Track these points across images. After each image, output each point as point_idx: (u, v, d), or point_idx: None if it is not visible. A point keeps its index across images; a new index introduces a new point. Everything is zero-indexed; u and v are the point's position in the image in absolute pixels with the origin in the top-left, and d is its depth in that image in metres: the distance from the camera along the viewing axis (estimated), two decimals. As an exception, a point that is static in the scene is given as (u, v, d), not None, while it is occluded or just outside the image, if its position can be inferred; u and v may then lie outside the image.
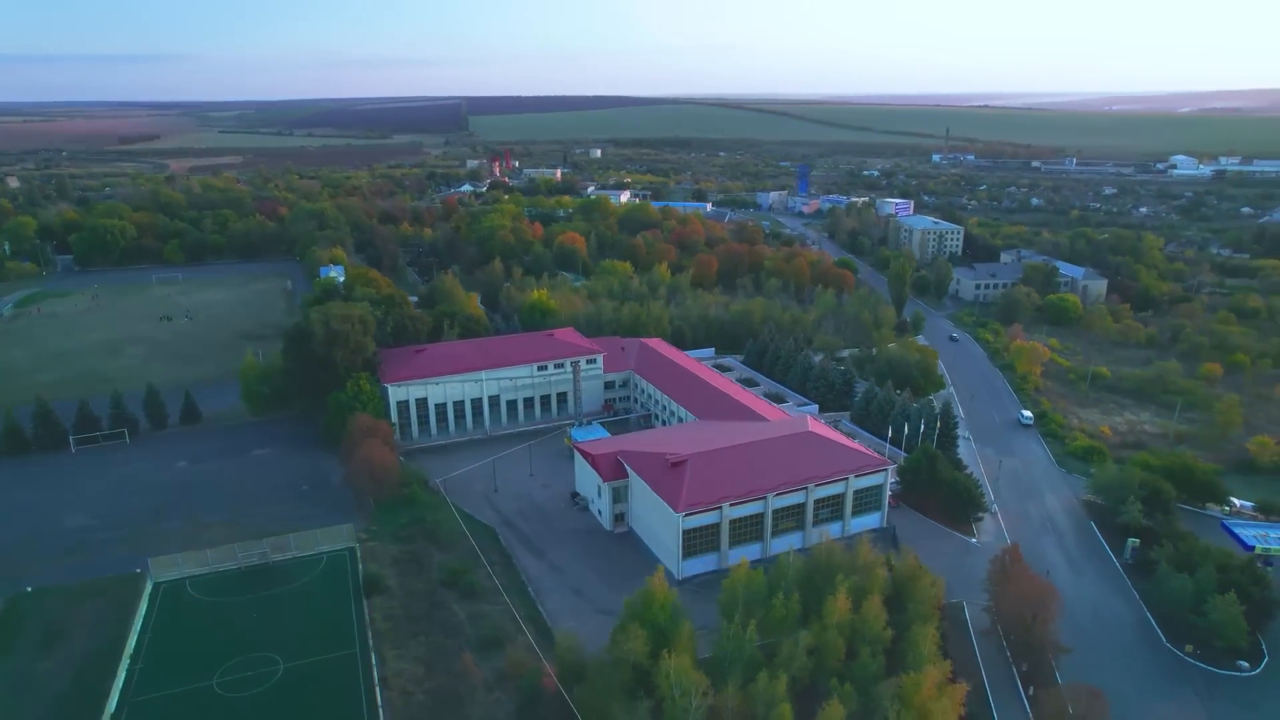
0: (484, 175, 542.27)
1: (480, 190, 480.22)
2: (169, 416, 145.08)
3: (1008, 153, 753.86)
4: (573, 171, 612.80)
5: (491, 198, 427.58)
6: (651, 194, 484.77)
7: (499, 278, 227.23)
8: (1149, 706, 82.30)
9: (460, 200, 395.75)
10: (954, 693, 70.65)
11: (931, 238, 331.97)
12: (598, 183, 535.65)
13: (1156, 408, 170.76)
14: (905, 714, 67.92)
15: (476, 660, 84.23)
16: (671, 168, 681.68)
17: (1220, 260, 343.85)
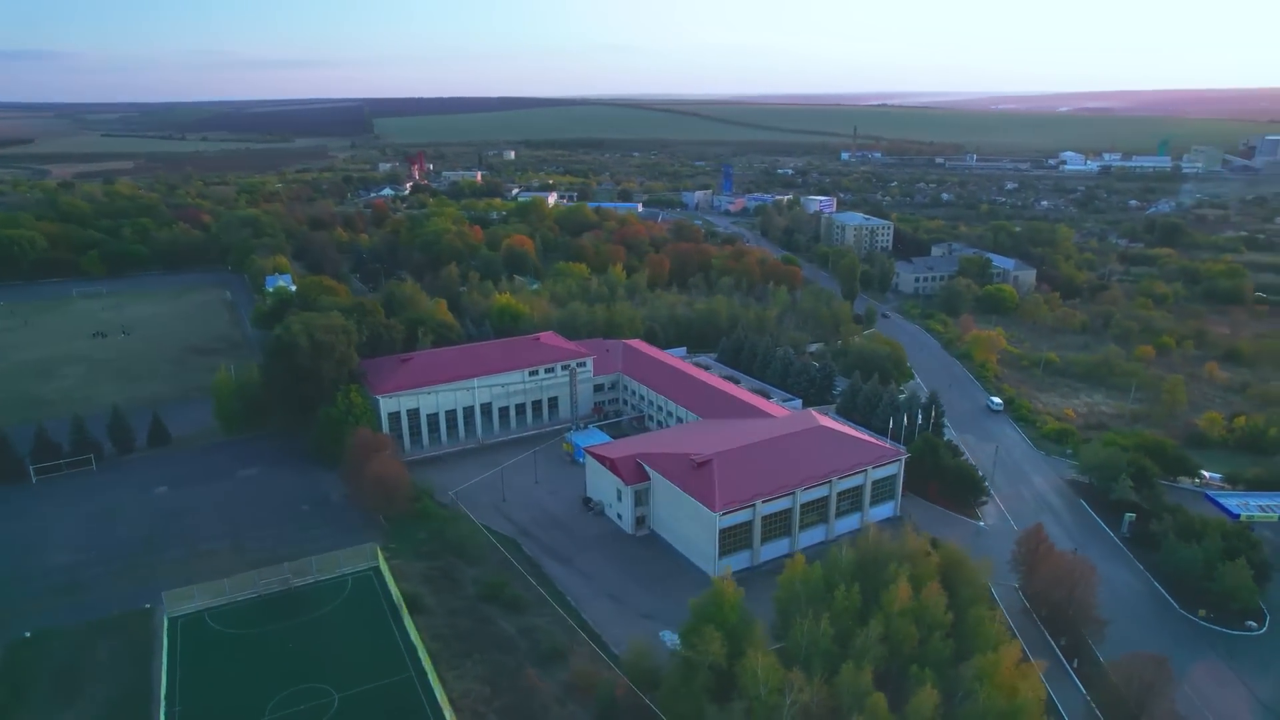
0: (404, 178, 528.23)
1: (402, 194, 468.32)
2: (135, 439, 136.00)
3: (912, 150, 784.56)
4: (489, 174, 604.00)
5: (418, 201, 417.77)
6: (578, 195, 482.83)
7: (455, 283, 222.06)
8: (1181, 670, 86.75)
9: (390, 205, 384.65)
10: (1031, 670, 73.33)
11: (864, 233, 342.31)
12: (520, 185, 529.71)
13: (1107, 390, 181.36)
14: (993, 693, 70.06)
15: (539, 675, 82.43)
16: (589, 169, 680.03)
17: (1121, 250, 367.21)
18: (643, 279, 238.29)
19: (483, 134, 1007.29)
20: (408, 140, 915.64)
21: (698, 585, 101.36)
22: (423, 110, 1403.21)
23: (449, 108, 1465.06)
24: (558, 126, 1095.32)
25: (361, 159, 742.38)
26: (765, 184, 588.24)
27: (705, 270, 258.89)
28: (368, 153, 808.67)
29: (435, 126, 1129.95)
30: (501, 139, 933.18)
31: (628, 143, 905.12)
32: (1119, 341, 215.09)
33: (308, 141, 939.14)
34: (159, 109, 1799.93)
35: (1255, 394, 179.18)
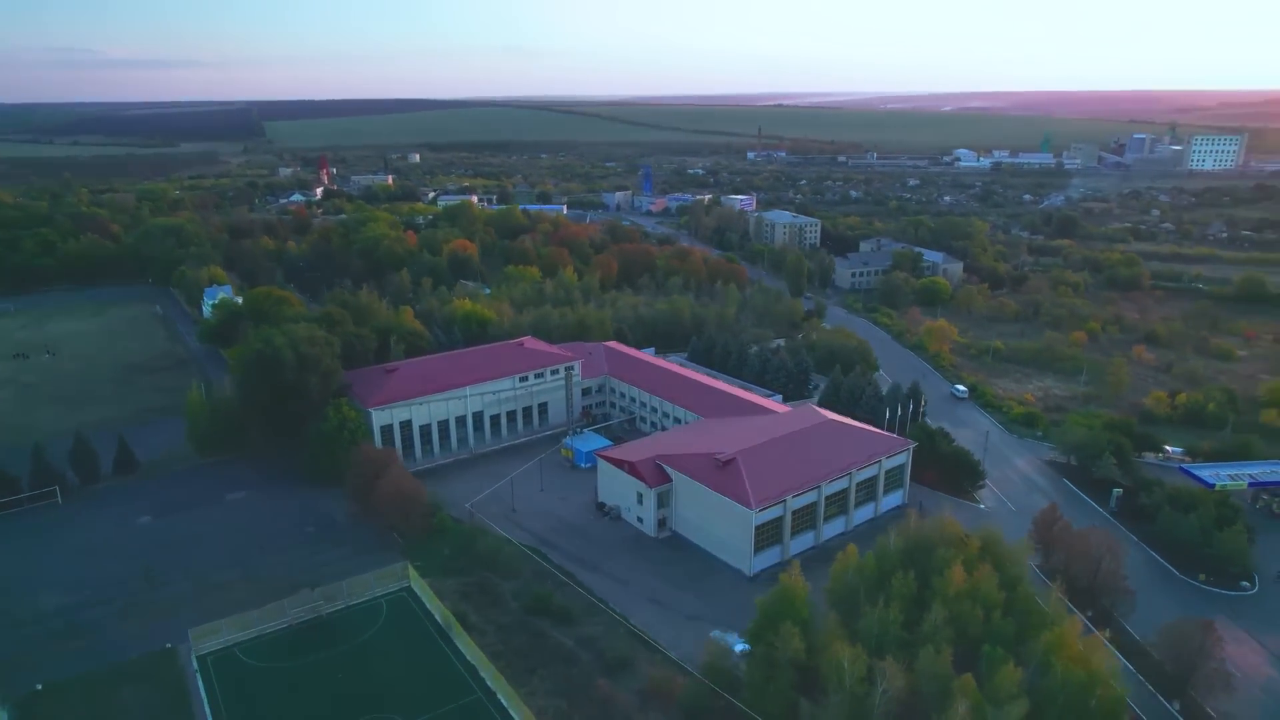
0: (313, 184, 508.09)
1: (313, 199, 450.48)
2: (100, 467, 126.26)
3: (815, 149, 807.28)
4: (398, 177, 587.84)
5: (333, 207, 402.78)
6: (497, 198, 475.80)
7: (406, 290, 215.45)
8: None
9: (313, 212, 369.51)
10: (1096, 641, 77.17)
11: (793, 231, 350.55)
12: (435, 188, 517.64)
13: (1053, 374, 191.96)
14: (1069, 667, 73.29)
15: (610, 685, 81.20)
16: (499, 171, 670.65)
17: (1028, 241, 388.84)
18: (594, 281, 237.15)
19: (382, 137, 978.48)
20: (303, 144, 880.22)
21: (733, 584, 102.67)
22: (316, 113, 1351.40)
23: (344, 110, 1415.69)
24: (460, 128, 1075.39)
25: (258, 164, 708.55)
26: (678, 184, 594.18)
27: (650, 271, 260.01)
28: (263, 158, 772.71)
29: (331, 130, 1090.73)
30: (403, 142, 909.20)
31: (533, 144, 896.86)
32: (1050, 328, 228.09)
33: (195, 146, 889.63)
34: (12, 110, 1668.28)
35: (1180, 373, 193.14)
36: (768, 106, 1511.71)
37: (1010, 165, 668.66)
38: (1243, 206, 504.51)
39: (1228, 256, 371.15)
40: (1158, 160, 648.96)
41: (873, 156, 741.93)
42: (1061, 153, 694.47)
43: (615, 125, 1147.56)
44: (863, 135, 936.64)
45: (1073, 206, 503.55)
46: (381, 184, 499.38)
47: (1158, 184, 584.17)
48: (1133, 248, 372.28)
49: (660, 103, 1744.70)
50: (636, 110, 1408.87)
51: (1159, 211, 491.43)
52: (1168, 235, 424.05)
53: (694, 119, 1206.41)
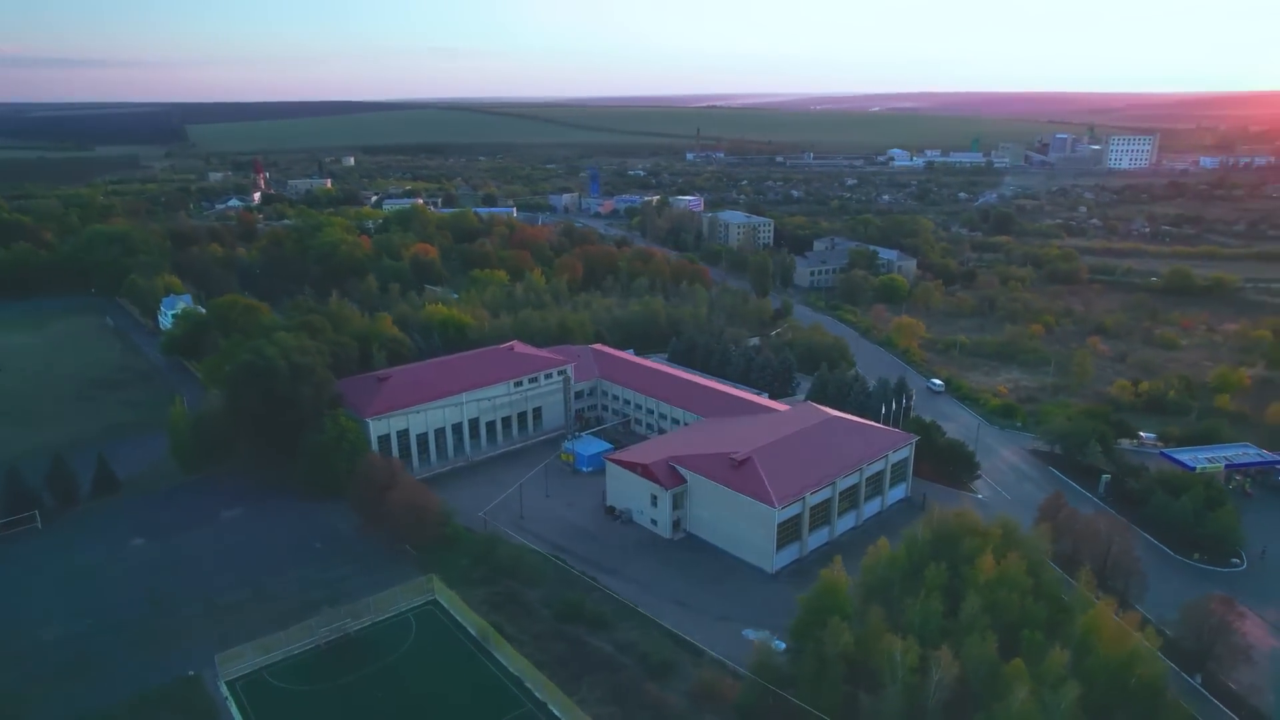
0: (250, 189, 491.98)
1: (251, 205, 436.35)
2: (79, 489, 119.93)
3: (753, 150, 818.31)
4: (336, 181, 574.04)
5: (275, 212, 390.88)
6: (442, 201, 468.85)
7: (374, 295, 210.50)
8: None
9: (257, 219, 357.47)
10: (1131, 621, 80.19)
11: (746, 231, 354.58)
12: (376, 191, 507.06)
13: (1019, 367, 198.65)
14: (1110, 647, 75.95)
15: (658, 689, 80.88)
16: (437, 174, 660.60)
17: (969, 239, 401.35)
18: (562, 284, 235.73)
19: (312, 140, 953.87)
20: (230, 148, 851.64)
21: (756, 582, 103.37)
22: (240, 116, 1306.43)
23: (269, 113, 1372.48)
24: (392, 131, 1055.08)
25: (184, 169, 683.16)
26: (621, 186, 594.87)
27: (614, 273, 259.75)
28: (189, 162, 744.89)
29: (257, 133, 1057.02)
30: (334, 145, 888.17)
31: (471, 147, 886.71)
32: (1007, 322, 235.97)
33: (113, 149, 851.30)
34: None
35: (1135, 362, 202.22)
36: (702, 108, 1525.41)
37: (943, 164, 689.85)
38: (1159, 203, 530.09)
39: (1152, 250, 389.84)
40: (1079, 159, 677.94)
41: (809, 157, 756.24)
42: (990, 152, 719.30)
43: (550, 127, 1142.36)
44: (796, 136, 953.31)
45: (1006, 204, 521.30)
46: (321, 188, 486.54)
47: (1081, 182, 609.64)
48: (1066, 243, 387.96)
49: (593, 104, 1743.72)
50: (570, 112, 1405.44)
51: (1085, 208, 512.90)
52: (1096, 231, 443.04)
53: (629, 120, 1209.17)
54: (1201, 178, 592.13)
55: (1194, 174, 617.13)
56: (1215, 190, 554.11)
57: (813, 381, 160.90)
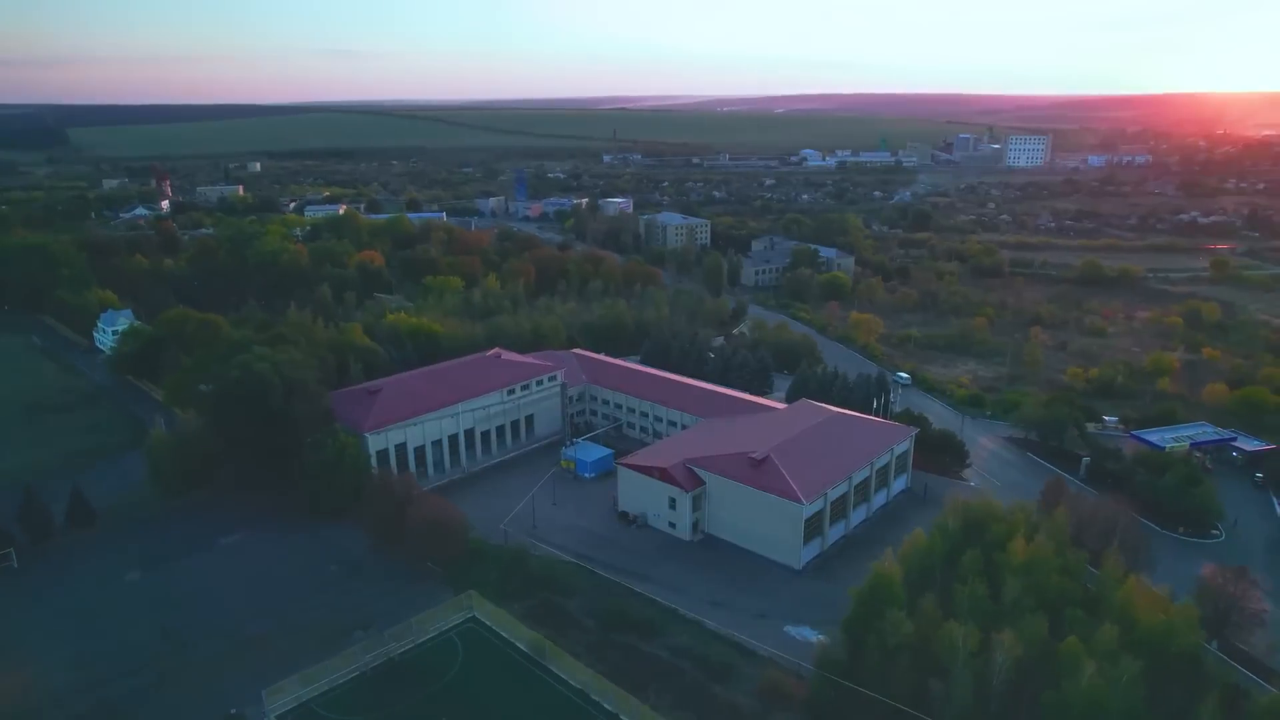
0: (158, 196, 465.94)
1: (160, 213, 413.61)
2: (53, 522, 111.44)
3: (669, 151, 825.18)
4: (246, 188, 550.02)
5: (192, 220, 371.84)
6: (365, 206, 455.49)
7: (330, 305, 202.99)
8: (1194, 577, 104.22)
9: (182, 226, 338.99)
10: (1163, 592, 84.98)
11: (685, 232, 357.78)
12: (295, 198, 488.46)
13: (972, 358, 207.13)
14: (1150, 618, 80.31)
15: (724, 691, 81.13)
16: (351, 179, 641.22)
17: (897, 236, 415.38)
18: (519, 289, 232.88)
19: (210, 145, 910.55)
20: (119, 153, 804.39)
21: (785, 579, 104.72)
22: (126, 119, 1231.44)
23: (158, 116, 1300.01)
24: (296, 135, 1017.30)
25: (70, 175, 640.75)
26: (543, 188, 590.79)
27: (565, 277, 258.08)
28: (75, 168, 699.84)
29: (148, 137, 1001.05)
30: (236, 150, 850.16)
31: (381, 151, 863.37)
32: (952, 316, 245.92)
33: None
34: None
35: (1075, 350, 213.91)
36: (612, 110, 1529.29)
37: (854, 164, 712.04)
38: (1058, 199, 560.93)
39: (1061, 244, 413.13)
40: (981, 158, 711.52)
41: (725, 158, 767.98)
42: (898, 151, 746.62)
43: (461, 130, 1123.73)
44: (707, 137, 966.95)
45: (920, 201, 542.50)
46: (236, 195, 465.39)
47: (986, 179, 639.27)
48: (982, 238, 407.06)
49: (500, 107, 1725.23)
50: (479, 115, 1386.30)
51: (994, 205, 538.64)
52: (1007, 226, 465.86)
53: (540, 123, 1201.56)
54: (1092, 175, 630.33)
55: (1084, 171, 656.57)
56: (1106, 187, 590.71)
57: (793, 379, 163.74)
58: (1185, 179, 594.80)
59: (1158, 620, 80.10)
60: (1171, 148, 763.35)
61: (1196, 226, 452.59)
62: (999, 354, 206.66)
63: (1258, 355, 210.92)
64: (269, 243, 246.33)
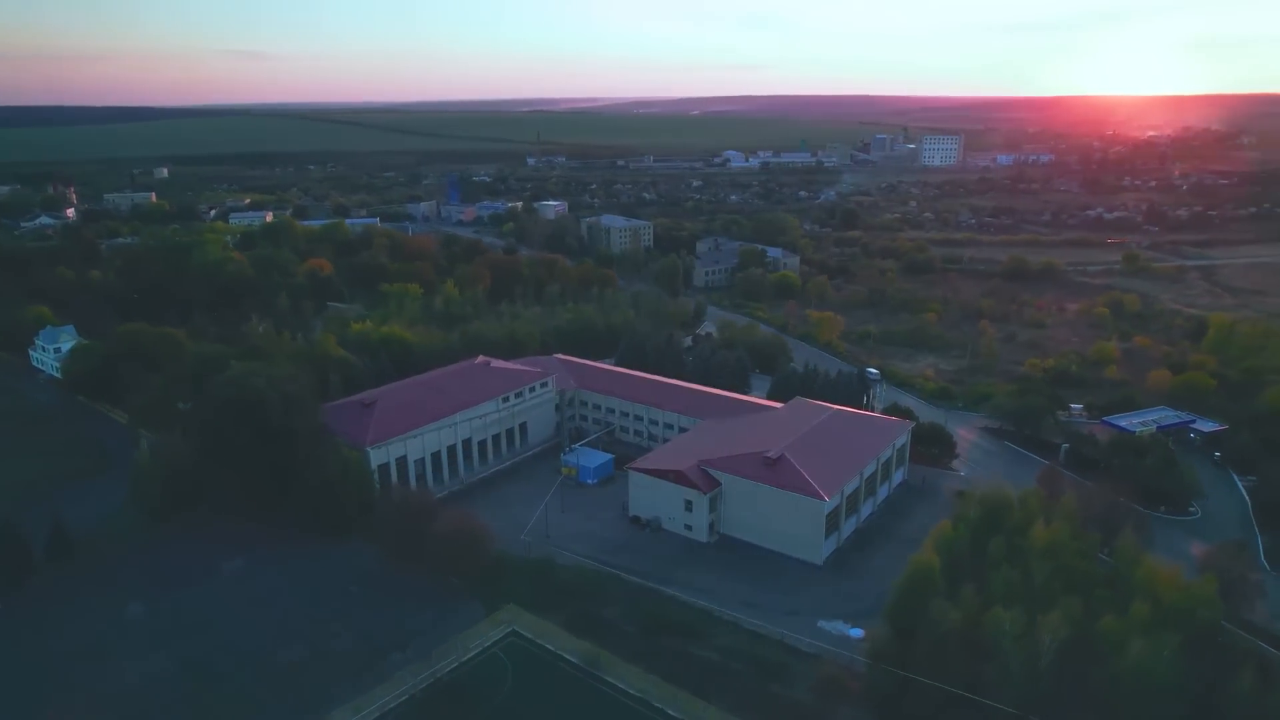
0: (63, 204, 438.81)
1: (66, 221, 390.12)
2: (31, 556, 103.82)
3: (593, 154, 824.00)
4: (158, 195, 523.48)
5: (108, 229, 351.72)
6: (292, 212, 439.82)
7: (287, 316, 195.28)
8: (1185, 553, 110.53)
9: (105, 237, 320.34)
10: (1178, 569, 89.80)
11: (629, 233, 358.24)
12: (214, 205, 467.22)
13: (930, 352, 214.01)
14: (1172, 593, 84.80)
15: (782, 690, 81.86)
16: (269, 185, 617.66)
17: (827, 235, 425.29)
18: (476, 293, 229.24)
19: (109, 149, 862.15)
20: (5, 158, 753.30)
21: (808, 575, 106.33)
22: (14, 121, 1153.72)
23: (50, 118, 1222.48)
24: (202, 140, 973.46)
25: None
26: (470, 192, 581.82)
27: (521, 282, 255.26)
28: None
29: (39, 141, 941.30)
30: (139, 154, 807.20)
31: (295, 156, 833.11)
32: (903, 312, 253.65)
33: None
34: None
35: (1024, 342, 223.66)
36: (529, 112, 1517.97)
37: (777, 164, 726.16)
38: (975, 197, 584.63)
39: (985, 240, 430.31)
40: (898, 157, 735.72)
41: (650, 159, 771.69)
42: (818, 152, 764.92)
43: (378, 133, 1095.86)
44: (627, 139, 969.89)
45: (845, 200, 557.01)
46: (150, 202, 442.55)
47: (904, 178, 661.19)
48: (911, 236, 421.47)
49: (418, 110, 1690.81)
50: (396, 117, 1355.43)
51: (915, 203, 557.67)
52: (931, 223, 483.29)
53: (458, 125, 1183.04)
54: (1002, 173, 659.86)
55: (995, 170, 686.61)
56: (1018, 184, 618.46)
57: (774, 378, 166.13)
58: (1086, 177, 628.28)
59: (1182, 595, 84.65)
60: (1070, 147, 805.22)
61: (1103, 222, 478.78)
62: (954, 348, 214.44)
63: (1179, 343, 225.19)
64: (210, 252, 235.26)
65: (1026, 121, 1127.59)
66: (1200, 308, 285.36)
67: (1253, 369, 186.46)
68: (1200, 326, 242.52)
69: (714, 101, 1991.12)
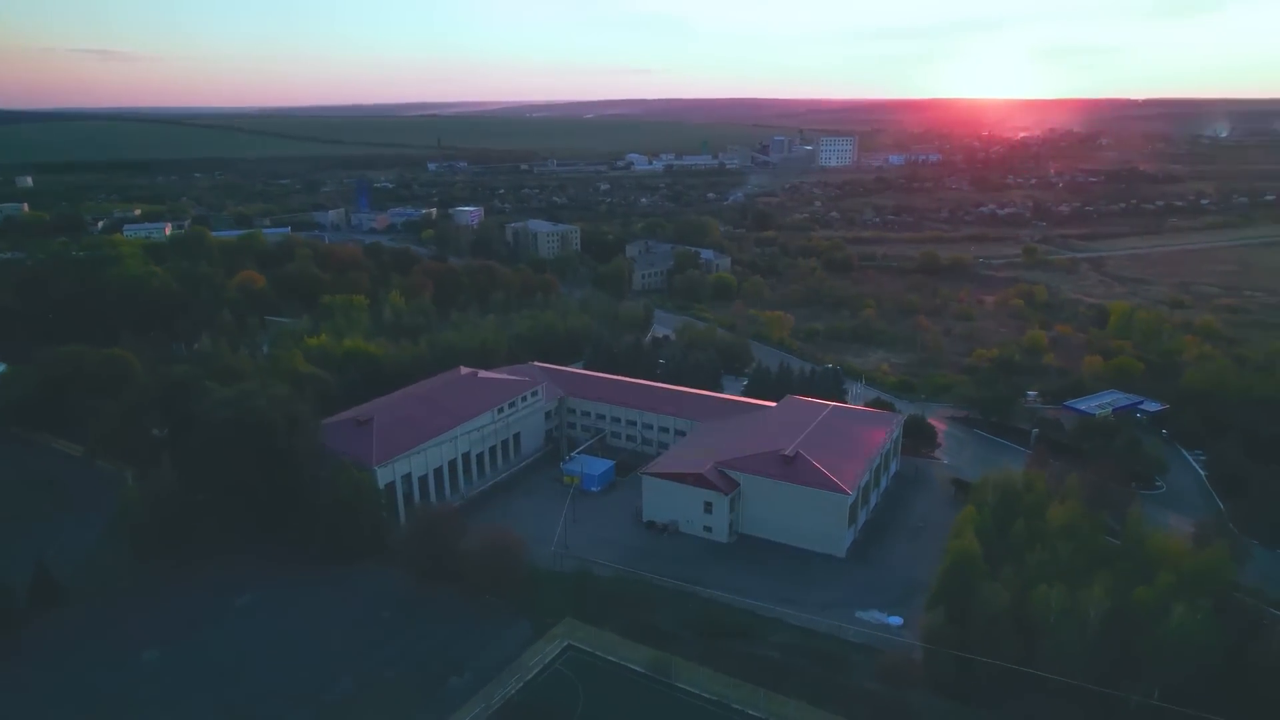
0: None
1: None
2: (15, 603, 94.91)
3: (494, 158, 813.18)
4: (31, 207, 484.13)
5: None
6: (191, 222, 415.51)
7: (235, 332, 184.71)
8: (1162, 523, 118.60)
9: None
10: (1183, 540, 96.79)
11: (555, 239, 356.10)
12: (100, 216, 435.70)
13: (878, 347, 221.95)
14: (1189, 563, 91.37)
15: (848, 680, 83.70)
16: (155, 193, 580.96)
17: (746, 235, 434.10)
18: (428, 304, 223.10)
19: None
20: None
21: (833, 567, 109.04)
22: None
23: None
24: (65, 146, 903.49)
25: None
26: (377, 199, 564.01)
27: (458, 289, 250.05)
28: None
29: None
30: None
31: (176, 163, 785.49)
32: (840, 308, 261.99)
33: None
34: None
35: (960, 334, 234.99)
36: (417, 117, 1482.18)
37: (681, 167, 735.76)
38: (874, 195, 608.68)
39: (892, 237, 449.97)
40: (797, 159, 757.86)
41: (554, 163, 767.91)
42: (718, 154, 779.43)
43: (264, 139, 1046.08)
44: (524, 142, 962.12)
45: (752, 201, 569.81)
46: (24, 213, 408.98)
47: (805, 179, 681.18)
48: (822, 235, 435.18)
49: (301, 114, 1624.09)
50: (280, 123, 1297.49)
51: (820, 203, 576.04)
52: (838, 222, 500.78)
53: (346, 130, 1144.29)
54: (896, 173, 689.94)
55: (889, 169, 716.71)
56: (912, 184, 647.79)
57: (750, 377, 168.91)
58: (974, 176, 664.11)
59: (1199, 562, 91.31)
60: (954, 147, 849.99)
61: (997, 218, 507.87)
62: (898, 342, 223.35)
63: (1090, 330, 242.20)
64: (130, 267, 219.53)
65: (908, 123, 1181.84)
66: (1097, 296, 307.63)
67: (1168, 352, 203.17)
68: (1102, 314, 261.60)
69: (606, 105, 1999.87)
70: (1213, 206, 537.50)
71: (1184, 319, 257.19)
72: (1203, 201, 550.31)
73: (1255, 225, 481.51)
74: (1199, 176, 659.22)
